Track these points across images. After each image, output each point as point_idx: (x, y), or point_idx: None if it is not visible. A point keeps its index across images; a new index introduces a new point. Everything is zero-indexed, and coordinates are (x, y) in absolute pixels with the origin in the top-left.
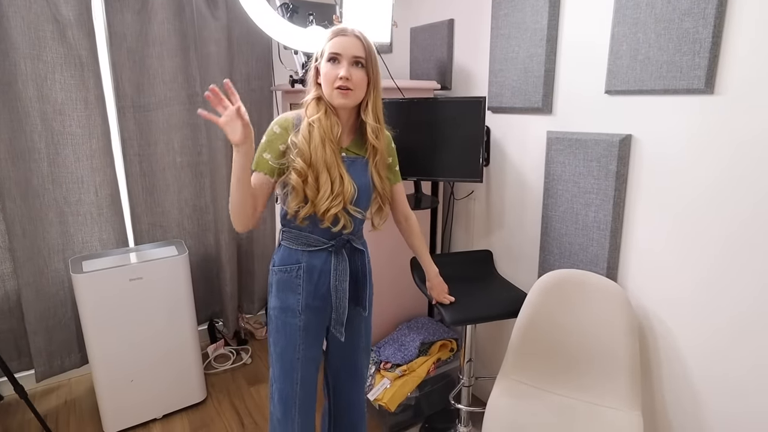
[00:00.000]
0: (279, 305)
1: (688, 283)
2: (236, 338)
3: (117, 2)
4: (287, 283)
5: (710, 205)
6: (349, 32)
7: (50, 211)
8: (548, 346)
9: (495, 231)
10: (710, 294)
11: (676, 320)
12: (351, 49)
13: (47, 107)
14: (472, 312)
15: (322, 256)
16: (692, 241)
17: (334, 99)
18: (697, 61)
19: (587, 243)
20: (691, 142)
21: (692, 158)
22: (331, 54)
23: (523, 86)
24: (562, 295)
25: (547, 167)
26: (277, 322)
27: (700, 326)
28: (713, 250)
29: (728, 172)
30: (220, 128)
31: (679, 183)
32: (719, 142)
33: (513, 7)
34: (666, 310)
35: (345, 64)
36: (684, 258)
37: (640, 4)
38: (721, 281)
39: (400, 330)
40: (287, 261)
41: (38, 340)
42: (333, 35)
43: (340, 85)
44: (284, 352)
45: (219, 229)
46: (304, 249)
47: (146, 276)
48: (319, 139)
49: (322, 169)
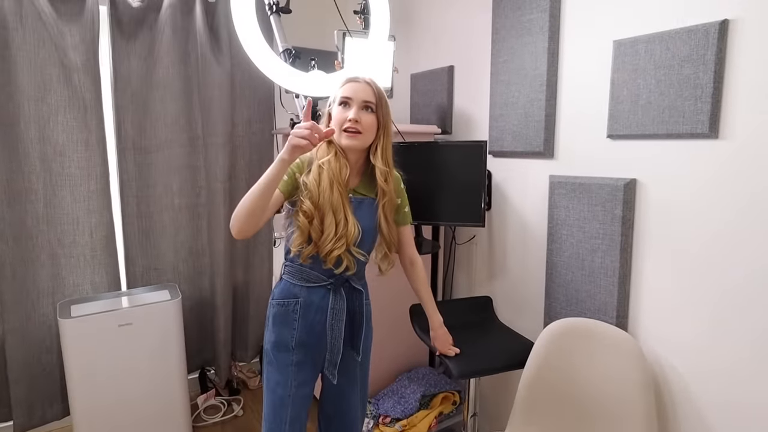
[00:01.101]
0: (274, 339)
1: (703, 332)
2: (228, 388)
3: (124, 49)
4: (283, 317)
5: (723, 249)
6: (361, 79)
7: (42, 252)
8: (558, 399)
9: (497, 276)
10: (728, 343)
11: (692, 371)
12: (361, 93)
13: (48, 148)
14: (479, 364)
15: (320, 292)
16: (706, 288)
17: (342, 140)
18: (700, 105)
19: (595, 290)
20: (698, 185)
21: (701, 202)
22: (343, 98)
23: (524, 131)
24: (571, 345)
25: (550, 211)
26: (271, 356)
27: (719, 377)
28: (728, 296)
29: (741, 215)
30: (299, 141)
31: (689, 227)
32: (728, 185)
33: (512, 54)
34: (681, 360)
35: (355, 108)
36: (697, 305)
37: (639, 52)
38: (738, 329)
39: (400, 381)
40: (286, 295)
41: (19, 390)
42: (345, 82)
43: (348, 127)
44: (276, 387)
45: (215, 272)
46: (303, 284)
47: (136, 322)
48: (327, 180)
49: (327, 210)
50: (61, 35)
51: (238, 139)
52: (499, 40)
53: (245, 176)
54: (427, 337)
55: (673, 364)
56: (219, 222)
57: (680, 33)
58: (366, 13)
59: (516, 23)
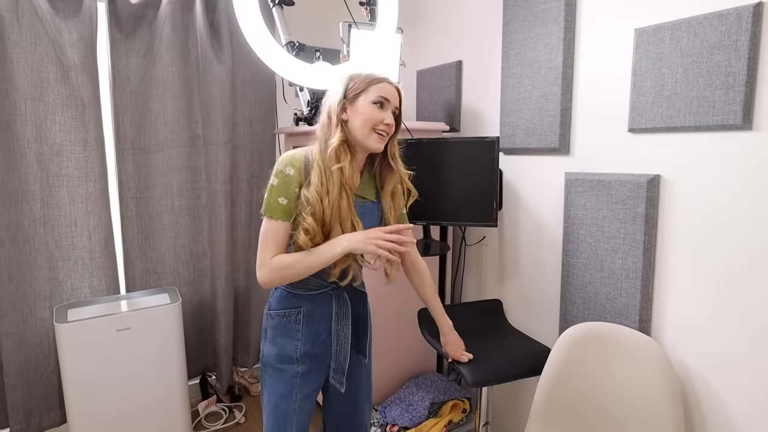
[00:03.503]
0: (275, 352)
1: (734, 338)
2: (230, 394)
3: (123, 46)
4: (285, 328)
5: (755, 249)
6: (393, 82)
7: (40, 255)
8: (577, 408)
9: (509, 279)
10: (764, 351)
11: (722, 380)
12: (396, 99)
13: (44, 148)
14: (495, 370)
15: (322, 299)
16: (739, 292)
17: (372, 141)
18: (732, 95)
19: (615, 293)
20: (730, 180)
21: (734, 198)
22: (381, 97)
23: (538, 126)
24: (592, 351)
25: (566, 210)
26: (272, 370)
27: (752, 387)
28: (761, 300)
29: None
30: (382, 252)
31: (720, 225)
32: (764, 179)
33: (525, 46)
34: (709, 368)
35: (389, 112)
36: (728, 310)
37: (664, 39)
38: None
39: (408, 388)
40: (286, 305)
41: (16, 396)
42: (380, 80)
43: (382, 129)
44: (279, 402)
45: (216, 275)
46: (305, 293)
47: (135, 326)
48: (338, 188)
49: (335, 224)
50: (59, 32)
51: (240, 139)
52: (510, 32)
53: (246, 177)
54: (438, 343)
55: (702, 373)
56: (220, 224)
57: (709, 18)
58: (373, 4)
59: (529, 14)
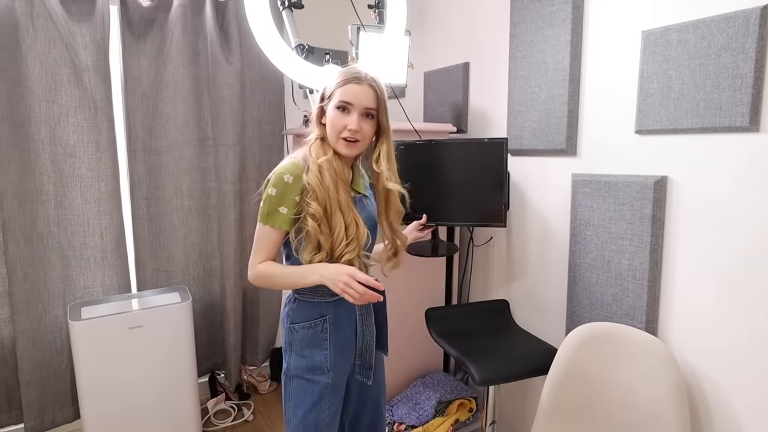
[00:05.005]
0: (305, 365)
1: (740, 339)
2: (238, 392)
3: (135, 48)
4: (312, 340)
5: (763, 250)
6: (363, 78)
7: (53, 254)
8: (584, 407)
9: (516, 279)
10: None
11: (729, 381)
12: (364, 100)
13: (58, 149)
14: (503, 369)
15: (345, 302)
16: (746, 293)
17: (340, 148)
18: (739, 97)
19: (621, 293)
20: (737, 181)
21: (741, 199)
22: (342, 102)
23: (545, 128)
24: (598, 350)
25: (573, 211)
26: (300, 381)
27: (759, 388)
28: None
29: None
30: (347, 293)
31: (727, 227)
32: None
33: (532, 48)
34: (716, 369)
35: (355, 116)
36: (737, 311)
37: (671, 42)
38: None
39: (414, 387)
40: (310, 316)
41: (30, 392)
42: (345, 80)
43: (347, 136)
44: (309, 413)
45: (225, 275)
46: (328, 299)
47: (147, 324)
48: (330, 180)
49: (335, 209)
50: (72, 35)
51: (249, 140)
52: (517, 34)
53: (255, 178)
54: (444, 341)
55: (709, 374)
56: (229, 224)
57: (717, 20)
58: (381, 7)
59: (536, 16)
